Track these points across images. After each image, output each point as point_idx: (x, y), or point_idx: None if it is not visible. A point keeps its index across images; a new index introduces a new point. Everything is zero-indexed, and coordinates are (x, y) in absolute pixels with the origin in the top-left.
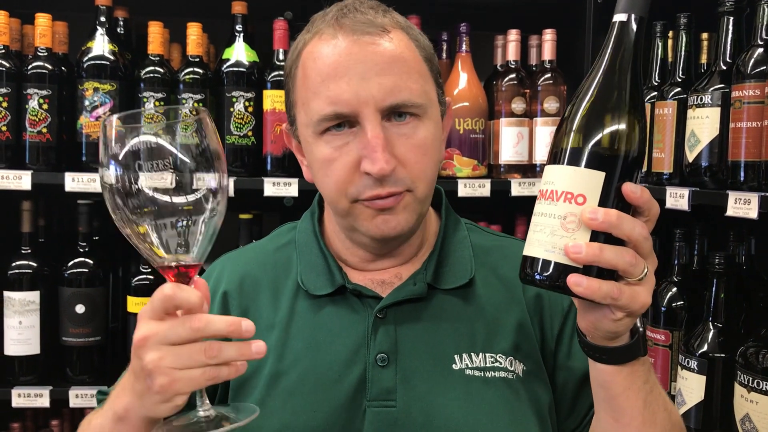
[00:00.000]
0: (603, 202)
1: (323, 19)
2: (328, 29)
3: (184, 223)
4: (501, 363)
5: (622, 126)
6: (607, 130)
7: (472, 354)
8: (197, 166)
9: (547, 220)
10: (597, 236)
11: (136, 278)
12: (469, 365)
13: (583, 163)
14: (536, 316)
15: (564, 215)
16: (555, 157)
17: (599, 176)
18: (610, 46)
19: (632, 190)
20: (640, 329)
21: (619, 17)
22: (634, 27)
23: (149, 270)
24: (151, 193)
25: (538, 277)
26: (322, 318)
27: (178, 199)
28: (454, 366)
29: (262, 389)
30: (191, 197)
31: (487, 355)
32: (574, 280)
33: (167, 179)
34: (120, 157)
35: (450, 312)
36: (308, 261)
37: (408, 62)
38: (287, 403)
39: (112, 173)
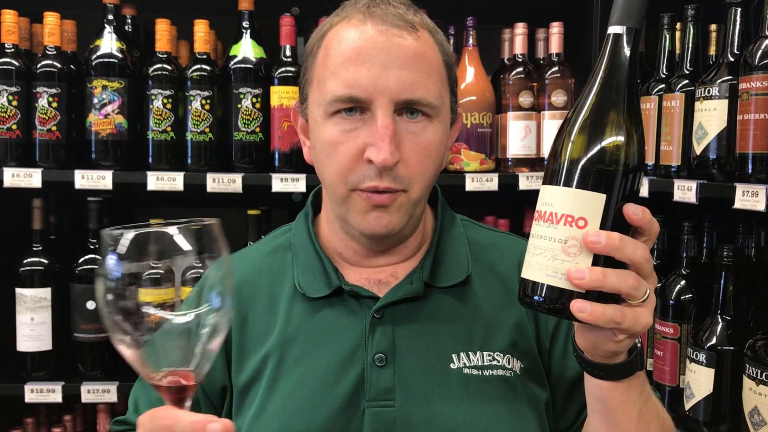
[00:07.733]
0: (604, 224)
1: (354, 6)
2: (357, 15)
3: (184, 341)
4: (499, 361)
5: (622, 147)
6: (607, 153)
7: (470, 353)
8: (203, 282)
9: (548, 244)
10: (598, 259)
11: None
12: (467, 364)
13: (583, 184)
14: (532, 313)
15: (565, 239)
16: (552, 177)
17: (600, 198)
18: (605, 60)
19: (634, 212)
20: (638, 345)
21: (613, 30)
22: (629, 39)
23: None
24: (150, 309)
25: (538, 300)
26: (319, 320)
27: (180, 319)
28: (451, 365)
29: (262, 394)
30: (193, 314)
31: (484, 353)
32: (578, 306)
33: (169, 296)
34: (120, 269)
35: (447, 311)
36: (304, 263)
37: (430, 63)
38: (286, 406)
39: (111, 285)
